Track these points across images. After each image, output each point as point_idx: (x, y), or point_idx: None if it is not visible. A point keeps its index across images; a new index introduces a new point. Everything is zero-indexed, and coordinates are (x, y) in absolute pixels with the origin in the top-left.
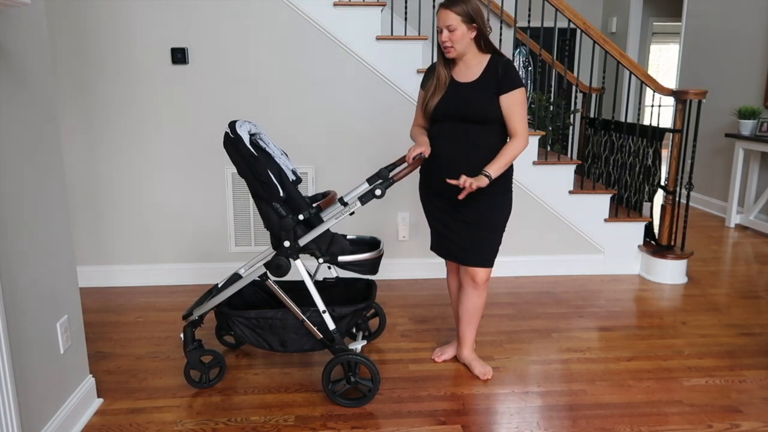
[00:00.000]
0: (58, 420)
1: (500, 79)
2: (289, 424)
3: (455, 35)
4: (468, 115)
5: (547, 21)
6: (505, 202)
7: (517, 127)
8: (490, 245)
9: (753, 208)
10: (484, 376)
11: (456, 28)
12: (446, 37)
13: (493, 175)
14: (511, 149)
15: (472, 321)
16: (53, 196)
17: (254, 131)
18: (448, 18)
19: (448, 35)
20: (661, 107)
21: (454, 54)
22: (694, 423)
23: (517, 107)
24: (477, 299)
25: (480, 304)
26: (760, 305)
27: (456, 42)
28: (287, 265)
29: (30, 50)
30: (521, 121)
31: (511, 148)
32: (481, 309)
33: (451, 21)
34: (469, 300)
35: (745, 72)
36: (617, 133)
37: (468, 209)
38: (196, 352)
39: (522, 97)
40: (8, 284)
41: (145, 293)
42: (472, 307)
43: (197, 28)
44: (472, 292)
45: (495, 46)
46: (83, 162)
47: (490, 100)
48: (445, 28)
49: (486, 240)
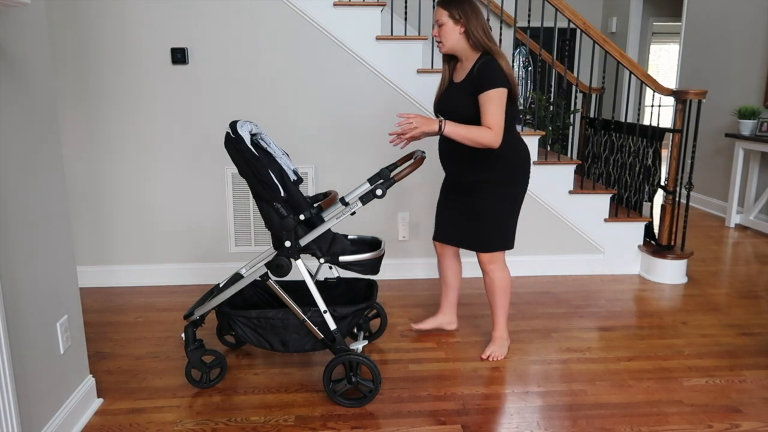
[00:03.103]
0: (58, 420)
1: (474, 80)
2: (289, 424)
3: (443, 30)
4: (448, 113)
5: (547, 21)
6: (504, 193)
7: (488, 121)
8: (490, 232)
9: (753, 208)
10: (485, 355)
11: (444, 23)
12: (436, 32)
13: (446, 129)
14: (478, 129)
15: (493, 304)
16: (53, 196)
17: (255, 131)
18: (438, 14)
19: (438, 30)
20: (661, 107)
21: (444, 49)
22: (694, 423)
23: (488, 105)
24: (489, 282)
25: (493, 287)
26: (760, 305)
27: (443, 37)
28: (288, 265)
29: (30, 50)
30: (492, 116)
31: (478, 129)
32: (497, 292)
33: (440, 17)
34: (484, 283)
35: (745, 72)
36: (617, 133)
37: (470, 198)
38: (197, 352)
39: (496, 96)
40: (8, 284)
41: (145, 293)
42: (488, 290)
43: (197, 28)
44: (484, 276)
45: (489, 45)
46: (83, 162)
47: (465, 100)
48: (436, 23)
49: (485, 227)
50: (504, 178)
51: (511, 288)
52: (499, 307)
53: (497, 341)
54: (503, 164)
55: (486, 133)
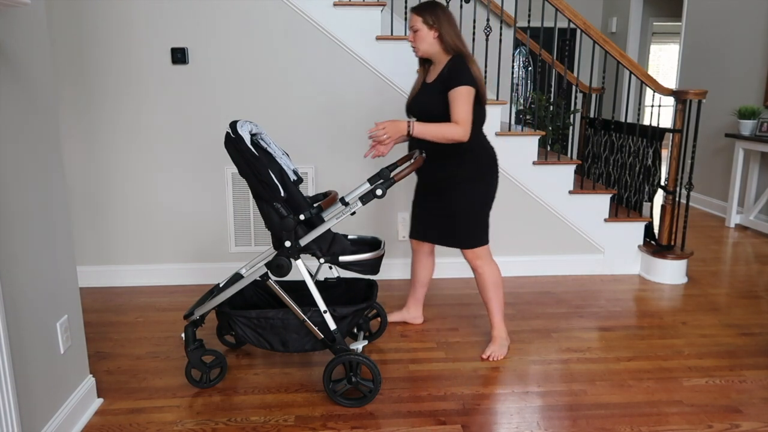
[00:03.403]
0: (58, 420)
1: (445, 79)
2: (289, 424)
3: (418, 36)
4: (420, 111)
5: (547, 21)
6: (474, 189)
7: (455, 116)
8: (467, 228)
9: (753, 208)
10: (485, 355)
11: (419, 29)
12: (411, 38)
13: (414, 129)
14: (445, 125)
15: (486, 300)
16: (53, 195)
17: (255, 131)
18: (413, 20)
19: (412, 35)
20: (661, 107)
21: (419, 53)
22: (694, 423)
23: (456, 101)
24: (479, 278)
25: (484, 282)
26: (760, 305)
27: (418, 42)
28: (288, 265)
29: (30, 50)
30: (460, 111)
31: (446, 125)
32: (489, 287)
33: (414, 23)
34: (476, 281)
35: (745, 72)
36: (617, 133)
37: (442, 196)
38: (197, 352)
39: (464, 93)
40: (8, 284)
41: (145, 293)
42: (479, 287)
43: (197, 28)
44: (474, 273)
45: (461, 48)
46: (83, 162)
47: (435, 98)
48: (411, 29)
49: (461, 224)
50: (473, 174)
51: (502, 282)
52: (493, 303)
53: (497, 341)
54: (472, 159)
55: (453, 127)
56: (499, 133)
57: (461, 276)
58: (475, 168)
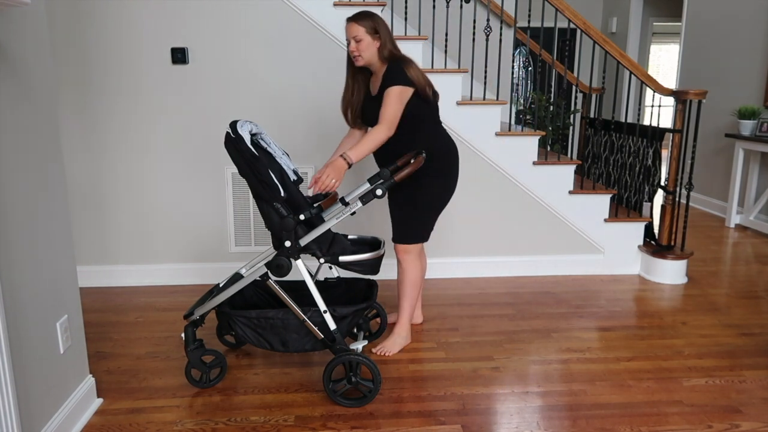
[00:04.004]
0: (58, 420)
1: (383, 84)
2: (289, 424)
3: (362, 45)
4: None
5: (547, 21)
6: (432, 185)
7: (381, 114)
8: (407, 223)
9: (753, 208)
10: (376, 349)
11: (362, 38)
12: (354, 47)
13: (353, 158)
14: (370, 136)
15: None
16: (53, 195)
17: (255, 131)
18: (354, 29)
19: (356, 45)
20: (661, 107)
21: (362, 62)
22: (694, 423)
23: (386, 100)
24: (401, 273)
25: (404, 278)
26: (760, 305)
27: (362, 51)
28: (288, 265)
29: (30, 50)
30: (387, 110)
31: (371, 134)
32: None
33: (357, 32)
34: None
35: (745, 72)
36: (617, 133)
37: (401, 191)
38: (197, 352)
39: (393, 93)
40: (8, 284)
41: (145, 293)
42: (399, 281)
43: (197, 28)
44: (398, 266)
45: (399, 55)
46: (83, 162)
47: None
48: (353, 39)
49: (407, 218)
50: (436, 169)
51: (422, 283)
52: (406, 300)
53: (394, 336)
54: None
55: (377, 131)
56: (499, 133)
57: (461, 276)
58: (440, 164)
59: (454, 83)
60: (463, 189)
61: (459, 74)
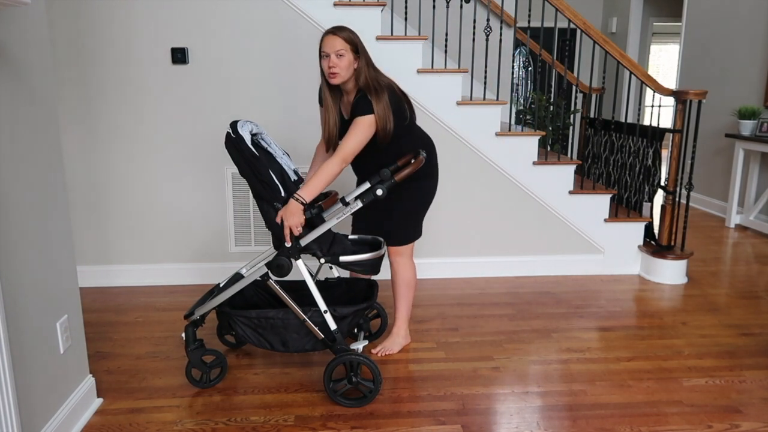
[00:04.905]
0: (58, 420)
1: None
2: (289, 424)
3: (342, 61)
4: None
5: (547, 21)
6: (420, 187)
7: (342, 147)
8: (402, 224)
9: (753, 208)
10: (376, 350)
11: (344, 54)
12: (334, 62)
13: (306, 198)
14: (324, 169)
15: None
16: (53, 195)
17: (256, 131)
18: (337, 44)
19: (336, 60)
20: (661, 107)
21: (338, 80)
22: (694, 423)
23: (354, 129)
24: (393, 275)
25: (398, 279)
26: (760, 305)
27: (343, 68)
28: (288, 265)
29: (30, 50)
30: (348, 144)
31: (325, 167)
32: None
33: (339, 47)
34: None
35: (745, 72)
36: (617, 133)
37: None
38: (198, 352)
39: (361, 124)
40: (8, 284)
41: (145, 293)
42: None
43: (197, 28)
44: (390, 267)
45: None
46: (83, 162)
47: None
48: (334, 53)
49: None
50: (423, 172)
51: (416, 284)
52: (401, 302)
53: (393, 336)
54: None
55: (330, 164)
56: (499, 133)
57: (461, 276)
58: (424, 166)
59: (454, 83)
60: (463, 189)
61: (459, 74)
